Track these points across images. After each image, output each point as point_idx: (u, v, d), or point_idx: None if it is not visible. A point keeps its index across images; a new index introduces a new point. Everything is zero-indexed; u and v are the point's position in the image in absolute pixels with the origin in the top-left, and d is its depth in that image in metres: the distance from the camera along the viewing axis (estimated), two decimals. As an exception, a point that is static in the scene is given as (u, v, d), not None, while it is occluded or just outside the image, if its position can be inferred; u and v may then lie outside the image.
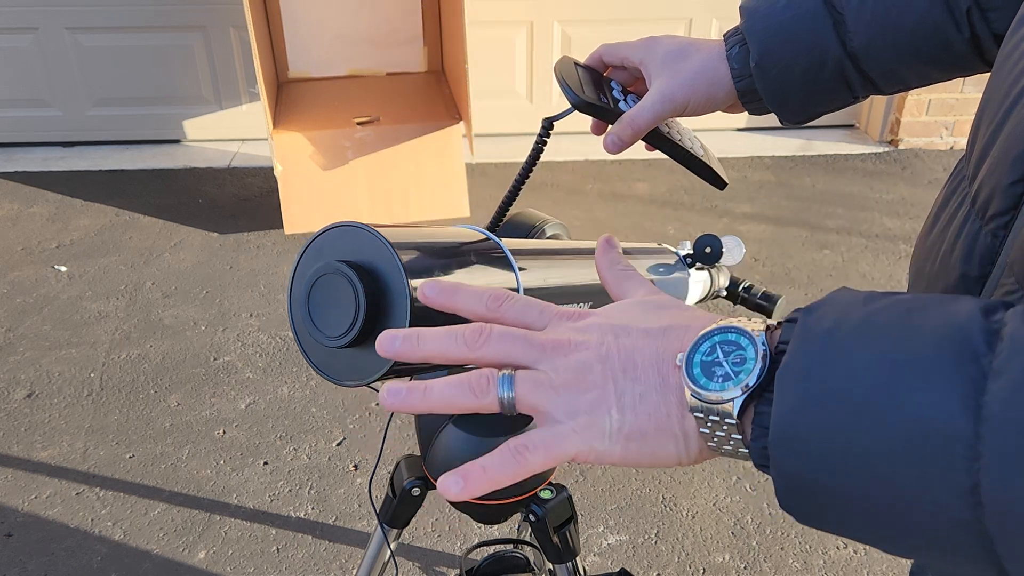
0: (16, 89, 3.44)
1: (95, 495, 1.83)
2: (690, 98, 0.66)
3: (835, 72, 0.62)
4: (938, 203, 0.59)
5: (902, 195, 3.17)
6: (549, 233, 0.75)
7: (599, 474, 1.89)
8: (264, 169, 3.37)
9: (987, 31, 0.57)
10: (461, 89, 2.84)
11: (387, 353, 0.42)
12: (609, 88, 0.71)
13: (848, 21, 0.60)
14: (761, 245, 2.83)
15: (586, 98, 0.66)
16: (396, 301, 0.48)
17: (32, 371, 2.22)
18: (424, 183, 2.85)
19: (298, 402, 2.10)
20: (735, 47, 0.65)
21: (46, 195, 3.16)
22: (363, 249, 0.49)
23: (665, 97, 0.66)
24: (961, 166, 0.60)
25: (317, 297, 0.49)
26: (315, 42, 3.29)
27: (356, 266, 0.48)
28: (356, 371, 0.50)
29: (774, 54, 0.63)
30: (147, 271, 2.68)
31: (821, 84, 0.63)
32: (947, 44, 0.58)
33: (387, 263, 0.48)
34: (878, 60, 0.61)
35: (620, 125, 0.67)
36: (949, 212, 0.55)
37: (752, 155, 3.51)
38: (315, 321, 0.49)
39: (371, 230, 0.48)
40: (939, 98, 3.47)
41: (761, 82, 0.64)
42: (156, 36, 3.40)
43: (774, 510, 1.79)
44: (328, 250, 0.50)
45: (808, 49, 0.62)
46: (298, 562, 1.67)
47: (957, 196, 0.55)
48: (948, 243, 0.53)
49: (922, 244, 0.60)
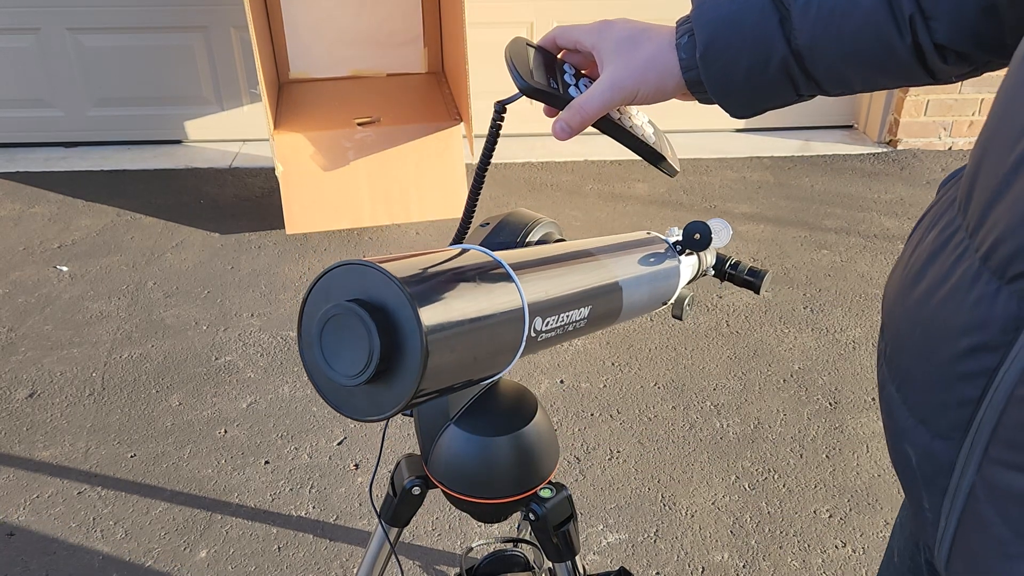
0: (17, 89, 3.45)
1: (97, 494, 1.84)
2: (639, 87, 0.65)
3: (779, 69, 0.61)
4: (923, 255, 0.54)
5: (900, 195, 3.18)
6: (541, 232, 0.75)
7: (599, 473, 1.90)
8: (265, 169, 3.37)
9: (929, 40, 0.56)
10: (461, 90, 2.85)
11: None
12: (561, 72, 0.70)
13: (794, 18, 0.59)
14: (760, 245, 2.84)
15: (534, 83, 0.65)
16: (408, 336, 0.48)
17: (34, 371, 2.22)
18: (424, 183, 2.86)
19: (299, 401, 2.11)
20: (684, 36, 0.63)
21: (48, 195, 3.16)
22: (370, 286, 0.49)
23: (615, 85, 0.64)
24: (944, 212, 0.55)
25: (329, 338, 0.49)
26: (316, 43, 3.30)
27: (366, 304, 0.48)
28: (374, 407, 0.50)
29: (719, 47, 0.61)
30: (148, 271, 2.69)
31: (765, 80, 0.62)
32: (890, 49, 0.58)
33: (396, 298, 0.48)
34: (822, 60, 0.60)
35: (569, 112, 0.66)
36: (942, 268, 0.51)
37: (751, 155, 3.52)
38: (329, 361, 0.49)
39: (376, 267, 0.48)
40: (937, 98, 3.48)
41: (706, 74, 0.63)
42: (157, 37, 3.40)
43: (773, 509, 1.80)
44: (335, 289, 0.50)
45: (753, 44, 0.60)
46: (299, 561, 1.68)
47: (952, 249, 0.50)
48: (947, 306, 0.49)
49: (902, 299, 0.55)
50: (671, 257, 0.83)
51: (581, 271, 0.67)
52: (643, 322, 2.43)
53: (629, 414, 2.07)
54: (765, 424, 2.04)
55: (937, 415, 0.50)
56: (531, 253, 0.66)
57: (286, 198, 2.76)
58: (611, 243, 0.77)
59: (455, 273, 0.53)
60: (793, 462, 1.93)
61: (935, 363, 0.50)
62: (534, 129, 3.65)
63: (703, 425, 2.04)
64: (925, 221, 0.59)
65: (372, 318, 0.47)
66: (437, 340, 0.48)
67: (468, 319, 0.51)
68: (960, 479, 0.48)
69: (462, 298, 0.52)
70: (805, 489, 1.85)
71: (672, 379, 2.20)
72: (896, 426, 0.56)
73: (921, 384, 0.52)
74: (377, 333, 0.47)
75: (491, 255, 0.59)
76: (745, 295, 2.55)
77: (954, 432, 0.48)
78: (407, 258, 0.53)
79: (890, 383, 0.57)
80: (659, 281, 0.80)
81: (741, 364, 2.25)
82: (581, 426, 2.03)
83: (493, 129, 0.66)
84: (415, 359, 0.48)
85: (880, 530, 1.75)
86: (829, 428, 2.02)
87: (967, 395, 0.47)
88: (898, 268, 0.59)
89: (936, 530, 0.52)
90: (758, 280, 0.90)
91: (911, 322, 0.53)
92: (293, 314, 2.47)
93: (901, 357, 0.55)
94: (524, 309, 0.57)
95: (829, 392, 2.15)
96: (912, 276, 0.55)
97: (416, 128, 2.81)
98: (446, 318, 0.49)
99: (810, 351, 2.30)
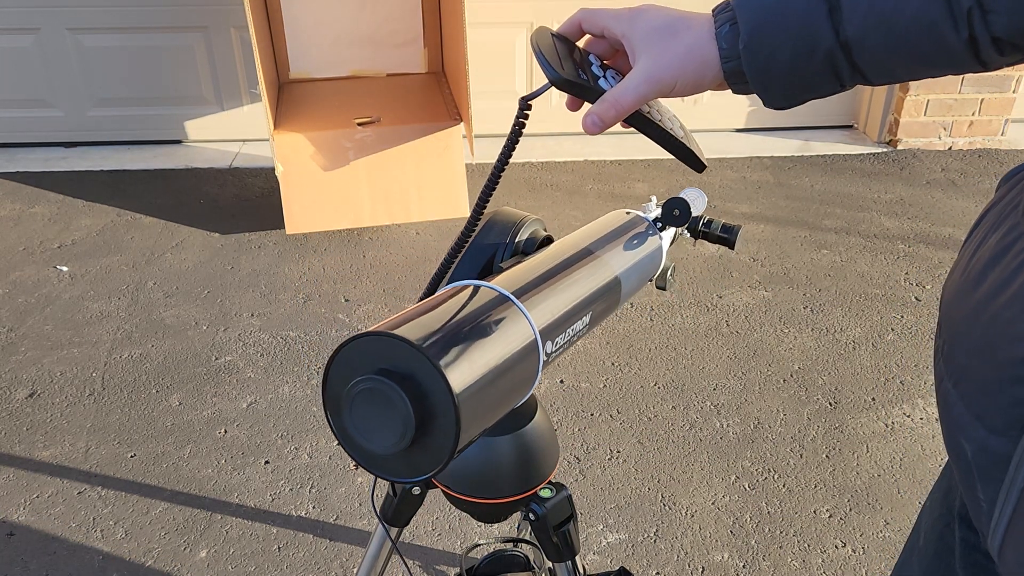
0: (18, 89, 3.45)
1: (97, 494, 1.84)
2: (678, 79, 0.62)
3: (825, 60, 0.59)
4: (984, 258, 0.55)
5: (900, 195, 3.18)
6: (529, 230, 0.75)
7: (599, 473, 1.90)
8: (265, 169, 3.37)
9: (986, 33, 0.55)
10: (461, 90, 2.85)
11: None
12: (588, 63, 0.66)
13: (844, 8, 0.57)
14: (760, 245, 2.84)
15: (566, 75, 0.61)
16: (439, 401, 0.47)
17: (34, 371, 2.22)
18: (424, 183, 2.86)
19: (299, 401, 2.11)
20: (725, 25, 0.61)
21: (48, 195, 3.17)
22: (394, 354, 0.48)
23: (652, 78, 0.61)
24: (1007, 214, 0.56)
25: (360, 409, 0.49)
26: (316, 43, 3.30)
27: (394, 375, 0.47)
28: (412, 469, 0.50)
29: (763, 36, 0.59)
30: (148, 271, 2.69)
31: (809, 71, 0.60)
32: (943, 43, 0.56)
33: (422, 366, 0.47)
34: (871, 52, 0.58)
35: (603, 106, 0.62)
36: (1004, 271, 0.52)
37: (751, 155, 3.52)
38: (362, 432, 0.49)
39: (400, 338, 0.48)
40: (937, 98, 3.48)
41: (748, 65, 0.60)
42: (157, 37, 3.40)
43: (773, 509, 1.80)
44: (358, 362, 0.49)
45: (799, 34, 0.58)
46: (299, 561, 1.68)
47: (1015, 255, 0.51)
48: (1008, 310, 0.50)
49: (962, 301, 0.57)
50: (653, 235, 0.82)
51: (579, 278, 0.66)
52: (643, 322, 2.43)
53: (629, 414, 2.07)
54: (765, 424, 2.04)
55: (993, 413, 0.52)
56: (529, 270, 0.65)
57: (286, 198, 2.76)
58: (599, 235, 0.76)
59: (471, 323, 0.53)
60: (793, 462, 1.93)
61: (993, 364, 0.51)
62: (534, 129, 3.65)
63: (703, 425, 2.04)
64: (988, 220, 0.59)
65: (403, 389, 0.47)
66: (466, 399, 0.48)
67: (491, 369, 0.51)
68: (1015, 474, 0.50)
69: (482, 349, 0.51)
70: (805, 489, 1.85)
71: (672, 379, 2.20)
72: (953, 420, 0.57)
73: (978, 383, 0.54)
74: (410, 404, 0.47)
75: (497, 290, 0.58)
76: (745, 295, 2.55)
77: (1010, 430, 0.51)
78: (420, 316, 0.51)
79: (947, 379, 0.59)
80: (647, 263, 0.80)
81: (741, 364, 2.25)
82: (581, 426, 2.03)
83: (516, 126, 0.63)
84: (449, 422, 0.48)
85: (880, 530, 1.75)
86: (829, 428, 2.03)
87: (1023, 396, 0.49)
88: (958, 267, 0.60)
89: (990, 520, 0.54)
90: (732, 236, 0.89)
91: (970, 323, 0.54)
92: (293, 314, 2.47)
93: (959, 355, 0.56)
94: (537, 340, 0.57)
95: (829, 392, 2.15)
96: (973, 278, 0.55)
97: (416, 128, 2.81)
98: (472, 376, 0.49)
99: (810, 351, 2.30)
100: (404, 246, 2.84)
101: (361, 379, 0.48)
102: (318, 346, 2.32)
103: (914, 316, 2.45)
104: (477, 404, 0.49)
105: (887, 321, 2.43)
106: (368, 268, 2.71)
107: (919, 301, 2.53)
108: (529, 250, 0.73)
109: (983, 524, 0.56)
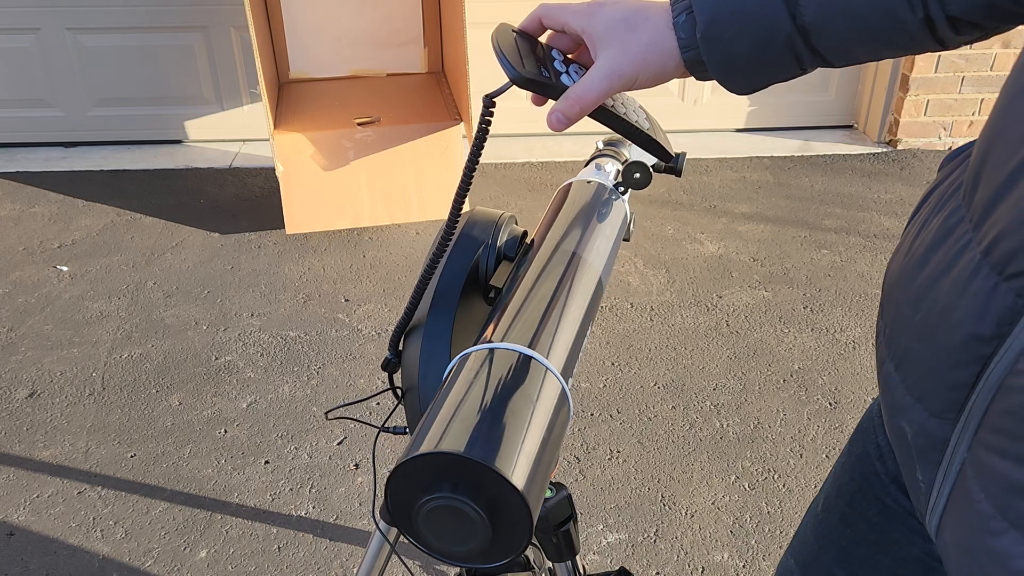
0: (17, 89, 3.45)
1: (97, 494, 1.84)
2: (639, 72, 0.62)
3: (784, 46, 0.59)
4: (927, 240, 0.55)
5: (900, 195, 3.18)
6: (508, 229, 0.74)
7: (599, 473, 1.90)
8: (265, 169, 3.37)
9: (940, 12, 0.55)
10: (461, 90, 2.85)
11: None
12: (551, 59, 0.66)
13: None
14: (760, 245, 2.84)
15: (526, 74, 0.61)
16: (507, 499, 0.47)
17: (34, 371, 2.22)
18: (425, 183, 2.86)
19: (299, 401, 2.11)
20: (682, 15, 0.60)
21: (48, 195, 3.17)
22: (450, 465, 0.47)
23: (614, 73, 0.61)
24: (949, 196, 0.56)
25: (430, 521, 0.48)
26: (316, 43, 3.30)
27: (464, 490, 0.47)
28: (487, 559, 0.51)
29: (720, 26, 0.59)
30: (148, 271, 2.69)
31: (769, 58, 0.60)
32: (900, 23, 0.56)
33: (487, 474, 0.47)
34: (829, 36, 0.58)
35: (566, 102, 0.62)
36: (946, 256, 0.52)
37: (751, 155, 3.52)
38: (436, 538, 0.49)
39: (454, 454, 0.47)
40: (937, 98, 3.48)
41: (707, 54, 0.60)
42: (157, 37, 3.40)
43: (773, 509, 1.80)
44: (416, 476, 0.49)
45: (756, 22, 0.58)
46: (299, 561, 1.68)
47: (956, 239, 0.52)
48: (948, 295, 0.51)
49: (905, 283, 0.57)
50: (617, 200, 0.80)
51: (575, 295, 0.65)
52: (643, 322, 2.43)
53: (629, 414, 2.07)
54: (765, 424, 2.04)
55: (933, 396, 0.53)
56: (530, 305, 0.63)
57: (286, 198, 2.77)
58: (576, 229, 0.74)
59: (511, 407, 0.52)
60: (793, 462, 1.93)
61: (934, 348, 0.52)
62: (534, 129, 3.65)
63: (703, 425, 2.04)
64: (931, 201, 0.60)
65: (476, 505, 0.47)
66: (529, 487, 0.47)
67: (540, 445, 0.51)
68: (952, 456, 0.51)
69: (529, 430, 0.50)
70: (805, 489, 1.85)
71: (672, 379, 2.20)
72: (894, 402, 0.58)
73: (919, 366, 0.54)
74: (487, 519, 0.47)
75: (520, 350, 0.56)
76: (745, 295, 2.55)
77: (948, 413, 0.51)
78: (458, 414, 0.50)
79: (888, 361, 0.59)
80: (619, 236, 0.78)
81: (741, 364, 2.25)
82: (581, 426, 2.03)
83: (483, 124, 0.62)
84: (522, 517, 0.48)
85: (880, 530, 1.75)
86: (829, 428, 2.03)
87: (962, 380, 0.50)
88: (901, 249, 0.60)
89: (928, 500, 0.55)
90: (678, 164, 0.88)
91: (912, 306, 0.55)
92: (293, 314, 2.47)
93: (901, 338, 0.57)
94: (566, 391, 0.56)
95: (829, 392, 2.15)
96: (916, 261, 0.56)
97: (416, 128, 2.81)
98: (528, 466, 0.49)
99: (810, 351, 2.31)
100: (404, 246, 2.84)
101: (436, 497, 0.47)
102: (318, 346, 2.32)
103: (914, 316, 2.45)
104: (536, 483, 0.49)
105: (887, 321, 2.43)
106: (368, 268, 2.71)
107: (919, 301, 2.53)
108: (511, 252, 0.73)
109: (921, 504, 0.57)
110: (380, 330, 2.39)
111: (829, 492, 0.80)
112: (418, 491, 0.48)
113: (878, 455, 0.73)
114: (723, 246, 2.83)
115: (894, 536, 0.72)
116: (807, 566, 0.82)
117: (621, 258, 2.76)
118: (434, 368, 0.66)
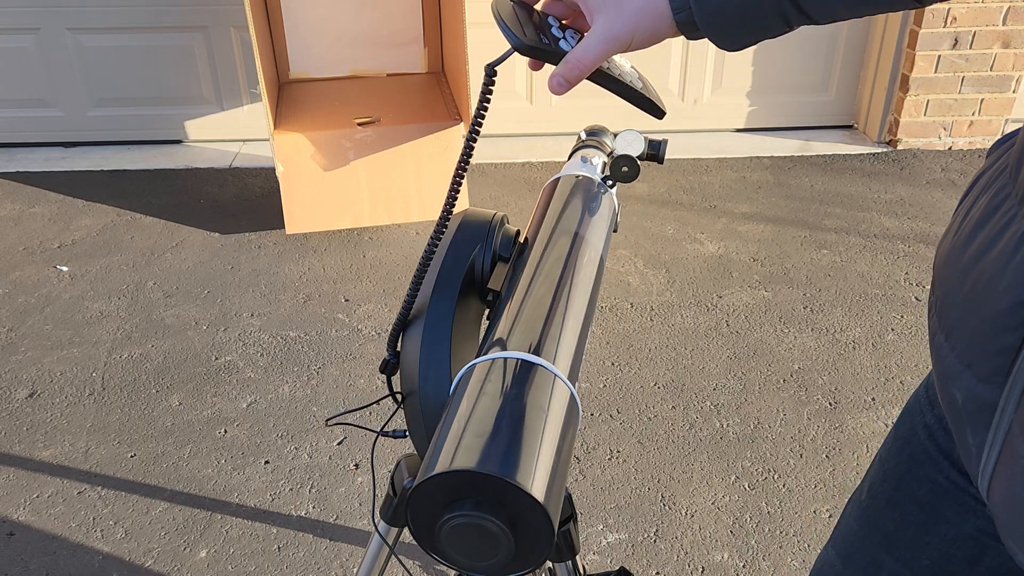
0: (18, 89, 3.45)
1: (97, 494, 1.84)
2: (634, 35, 0.65)
3: (772, 5, 0.62)
4: (974, 218, 0.59)
5: (900, 195, 3.18)
6: (502, 229, 0.74)
7: (599, 473, 1.90)
8: (265, 169, 3.37)
9: None
10: (461, 90, 2.85)
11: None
12: (548, 25, 0.69)
13: None
14: (760, 245, 2.84)
15: (528, 41, 0.64)
16: (529, 512, 0.47)
17: (34, 371, 2.22)
18: (425, 183, 2.86)
19: (299, 401, 2.11)
20: None
21: (48, 195, 3.17)
22: (469, 481, 0.47)
23: (610, 36, 0.64)
24: (996, 177, 0.59)
25: (452, 539, 0.48)
26: (316, 43, 3.30)
27: (487, 507, 0.47)
28: (510, 569, 0.51)
29: None
30: (148, 271, 2.69)
31: (758, 16, 0.63)
32: None
33: (508, 490, 0.47)
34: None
35: (566, 67, 0.65)
36: (992, 230, 0.55)
37: (751, 155, 3.52)
38: (458, 552, 0.49)
39: (472, 471, 0.47)
40: (937, 98, 3.48)
41: (699, 15, 0.63)
42: (157, 37, 3.40)
43: (773, 509, 1.80)
44: (435, 494, 0.49)
45: None
46: (299, 561, 1.68)
47: (1003, 215, 0.55)
48: (994, 265, 0.54)
49: (954, 260, 0.61)
50: (605, 193, 0.81)
51: (575, 297, 0.65)
52: (643, 322, 2.43)
53: (629, 414, 2.07)
54: (765, 424, 2.04)
55: (981, 362, 0.56)
56: (536, 309, 0.63)
57: (286, 198, 2.77)
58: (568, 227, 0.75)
59: (524, 418, 0.51)
60: (793, 462, 1.93)
61: (981, 316, 0.55)
62: (534, 129, 3.65)
63: (703, 425, 2.04)
64: (979, 184, 0.63)
65: (498, 519, 0.47)
66: (549, 497, 0.47)
67: (555, 453, 0.51)
68: (1000, 418, 0.54)
69: (544, 440, 0.50)
70: (805, 489, 1.85)
71: (672, 379, 2.20)
72: (945, 371, 0.61)
73: (968, 334, 0.58)
74: (508, 531, 0.47)
75: (526, 358, 0.56)
76: (745, 295, 2.55)
77: (996, 377, 0.54)
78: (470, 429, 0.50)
79: (939, 332, 0.63)
80: (609, 231, 0.79)
81: (741, 364, 2.25)
82: (581, 426, 2.03)
83: (485, 93, 0.64)
84: (543, 527, 0.47)
85: (880, 530, 1.75)
86: (829, 428, 2.03)
87: (1008, 344, 0.53)
88: (951, 229, 0.64)
89: (979, 463, 0.58)
90: (660, 151, 0.89)
91: (961, 279, 0.58)
92: (293, 314, 2.47)
93: (950, 309, 0.60)
94: (575, 396, 0.56)
95: (829, 392, 2.15)
96: (964, 238, 0.60)
97: (416, 128, 2.81)
98: (547, 476, 0.48)
99: (810, 351, 2.31)
100: (404, 246, 2.84)
101: (459, 515, 0.47)
102: (318, 346, 2.32)
103: (914, 316, 2.45)
104: (557, 494, 0.49)
105: (887, 321, 2.43)
106: (368, 268, 2.71)
107: (919, 301, 2.53)
108: (506, 253, 0.73)
109: (973, 467, 0.59)
110: (380, 330, 2.39)
111: (874, 479, 0.82)
112: (438, 509, 0.48)
113: (927, 434, 0.75)
114: (723, 246, 2.83)
115: (945, 515, 0.73)
116: (850, 556, 0.83)
117: (621, 258, 2.76)
118: (434, 370, 0.66)
